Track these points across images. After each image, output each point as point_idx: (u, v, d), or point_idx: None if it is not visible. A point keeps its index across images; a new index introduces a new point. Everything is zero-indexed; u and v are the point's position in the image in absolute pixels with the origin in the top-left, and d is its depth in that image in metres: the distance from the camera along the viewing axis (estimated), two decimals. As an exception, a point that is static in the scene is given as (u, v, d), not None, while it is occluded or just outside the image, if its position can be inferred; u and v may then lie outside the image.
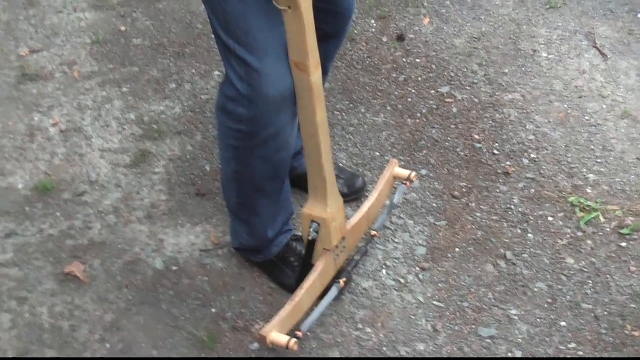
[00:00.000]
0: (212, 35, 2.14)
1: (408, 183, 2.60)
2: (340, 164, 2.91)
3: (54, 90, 3.30)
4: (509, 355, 2.34)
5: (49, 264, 2.61)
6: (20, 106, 3.21)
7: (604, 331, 2.41)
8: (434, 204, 2.80)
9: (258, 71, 2.00)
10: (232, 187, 2.35)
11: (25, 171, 2.93)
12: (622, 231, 2.70)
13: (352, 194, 2.75)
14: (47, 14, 3.76)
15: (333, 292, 2.33)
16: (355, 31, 3.58)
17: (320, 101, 2.05)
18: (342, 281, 2.36)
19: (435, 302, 2.49)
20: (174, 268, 2.59)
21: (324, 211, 2.23)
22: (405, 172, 2.61)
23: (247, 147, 2.17)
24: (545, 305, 2.48)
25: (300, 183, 2.53)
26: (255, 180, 2.27)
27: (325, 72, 2.43)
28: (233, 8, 1.95)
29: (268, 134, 2.12)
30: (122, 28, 3.66)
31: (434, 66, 3.40)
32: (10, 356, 2.36)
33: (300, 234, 2.47)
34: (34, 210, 2.79)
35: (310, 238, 2.29)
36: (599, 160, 2.96)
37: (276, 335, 2.17)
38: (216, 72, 3.36)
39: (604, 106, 3.20)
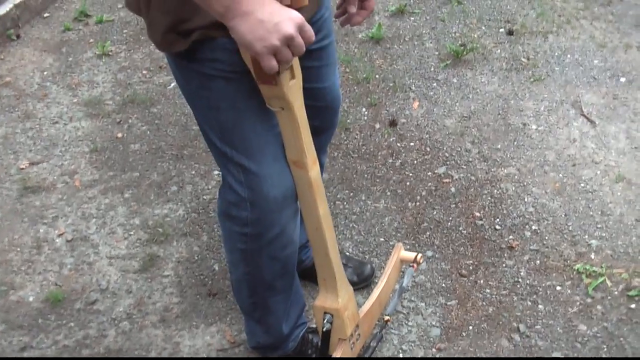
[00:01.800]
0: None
1: (415, 266, 2.62)
2: (347, 253, 2.94)
3: (57, 201, 3.33)
4: None
5: (67, 376, 2.62)
6: (25, 219, 3.24)
7: (624, 396, 2.43)
8: (443, 284, 2.82)
9: (257, 175, 2.02)
10: (244, 288, 2.35)
11: (35, 284, 2.95)
12: (630, 293, 2.73)
13: (362, 282, 2.78)
14: (44, 125, 3.81)
15: (353, 381, 2.34)
16: (349, 120, 3.65)
17: (320, 195, 2.08)
18: (360, 370, 2.37)
19: (454, 383, 2.51)
20: (193, 370, 2.60)
21: (335, 302, 2.25)
22: (411, 255, 2.63)
23: (254, 249, 2.18)
24: (564, 376, 2.50)
25: (309, 276, 2.56)
26: (266, 280, 2.28)
27: (320, 165, 2.48)
28: (227, 118, 1.96)
29: (274, 233, 2.13)
30: (119, 135, 3.71)
31: (428, 148, 3.46)
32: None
33: (315, 325, 2.49)
34: (47, 322, 2.80)
35: (324, 330, 2.30)
36: (599, 226, 3.01)
37: None
38: (216, 172, 3.40)
39: (598, 172, 3.25)
